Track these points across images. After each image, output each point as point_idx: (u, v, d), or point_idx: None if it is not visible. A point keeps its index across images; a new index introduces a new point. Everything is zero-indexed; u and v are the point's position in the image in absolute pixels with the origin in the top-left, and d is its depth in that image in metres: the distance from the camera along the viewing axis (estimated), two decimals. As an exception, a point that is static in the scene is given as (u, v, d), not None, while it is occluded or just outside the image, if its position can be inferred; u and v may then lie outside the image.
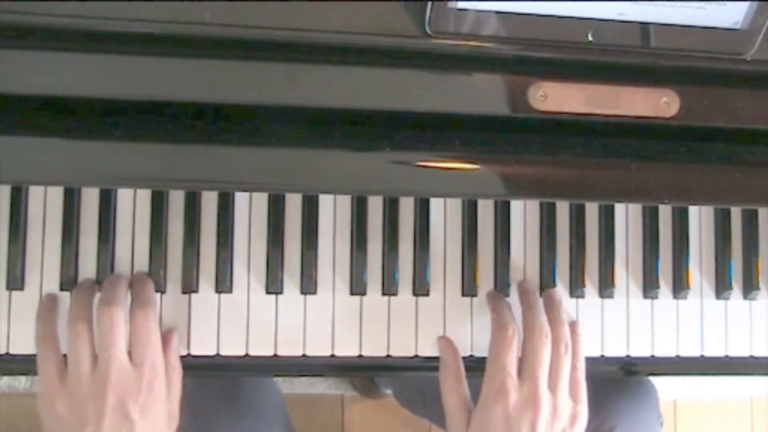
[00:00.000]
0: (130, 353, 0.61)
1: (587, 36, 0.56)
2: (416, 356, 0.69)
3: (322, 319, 0.68)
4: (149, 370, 0.60)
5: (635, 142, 0.63)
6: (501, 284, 0.71)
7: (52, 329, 0.63)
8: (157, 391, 0.60)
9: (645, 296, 0.73)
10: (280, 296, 0.68)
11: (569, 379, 0.66)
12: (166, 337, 0.65)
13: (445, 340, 0.69)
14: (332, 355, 0.68)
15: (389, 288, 0.69)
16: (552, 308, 0.68)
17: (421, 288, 0.70)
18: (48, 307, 0.64)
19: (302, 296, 0.68)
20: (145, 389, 0.59)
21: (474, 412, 0.65)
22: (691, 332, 0.74)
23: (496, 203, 0.71)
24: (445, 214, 0.71)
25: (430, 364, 0.69)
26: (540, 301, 0.69)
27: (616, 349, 0.73)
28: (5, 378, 1.31)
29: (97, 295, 0.64)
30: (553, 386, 0.65)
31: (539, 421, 0.63)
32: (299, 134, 0.59)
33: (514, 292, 0.71)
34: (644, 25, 0.56)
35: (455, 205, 0.71)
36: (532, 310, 0.67)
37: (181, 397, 0.80)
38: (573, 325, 0.68)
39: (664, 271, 0.73)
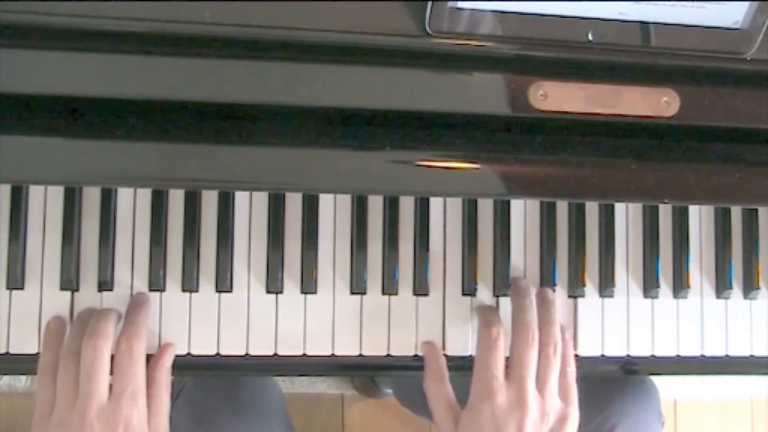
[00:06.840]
0: (111, 383, 0.60)
1: (587, 35, 0.56)
2: (416, 356, 0.69)
3: (322, 319, 0.68)
4: (127, 399, 0.60)
5: (635, 142, 0.63)
6: (501, 284, 0.71)
7: (54, 359, 0.62)
8: (136, 421, 0.60)
9: (645, 296, 0.73)
10: (280, 296, 0.68)
11: (559, 382, 0.66)
12: (160, 353, 0.65)
13: (428, 344, 0.69)
14: (332, 355, 0.68)
15: (389, 287, 0.69)
16: (542, 307, 0.68)
17: (421, 287, 0.70)
18: (54, 336, 0.63)
19: (302, 296, 0.68)
20: (123, 422, 0.59)
21: (463, 413, 0.65)
22: (692, 332, 0.73)
23: (496, 203, 0.71)
24: (445, 213, 0.71)
25: (430, 363, 0.69)
26: (528, 300, 0.68)
27: (616, 349, 0.72)
28: (5, 377, 1.32)
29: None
30: (541, 387, 0.65)
31: (526, 423, 0.63)
32: (299, 134, 0.59)
33: (514, 291, 0.71)
34: (644, 25, 0.56)
35: (455, 204, 0.71)
36: (520, 310, 0.67)
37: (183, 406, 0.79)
38: (562, 330, 0.68)
39: (664, 270, 0.73)
